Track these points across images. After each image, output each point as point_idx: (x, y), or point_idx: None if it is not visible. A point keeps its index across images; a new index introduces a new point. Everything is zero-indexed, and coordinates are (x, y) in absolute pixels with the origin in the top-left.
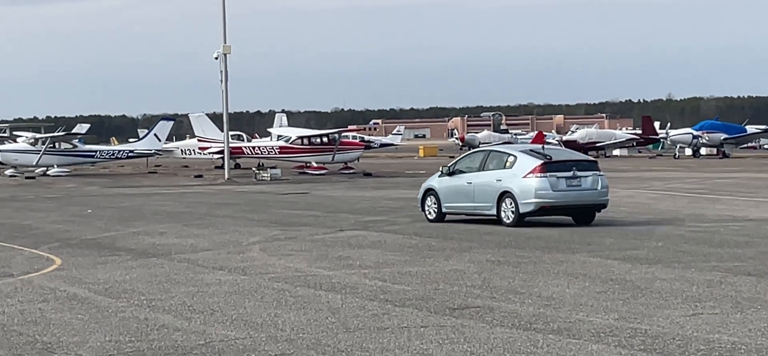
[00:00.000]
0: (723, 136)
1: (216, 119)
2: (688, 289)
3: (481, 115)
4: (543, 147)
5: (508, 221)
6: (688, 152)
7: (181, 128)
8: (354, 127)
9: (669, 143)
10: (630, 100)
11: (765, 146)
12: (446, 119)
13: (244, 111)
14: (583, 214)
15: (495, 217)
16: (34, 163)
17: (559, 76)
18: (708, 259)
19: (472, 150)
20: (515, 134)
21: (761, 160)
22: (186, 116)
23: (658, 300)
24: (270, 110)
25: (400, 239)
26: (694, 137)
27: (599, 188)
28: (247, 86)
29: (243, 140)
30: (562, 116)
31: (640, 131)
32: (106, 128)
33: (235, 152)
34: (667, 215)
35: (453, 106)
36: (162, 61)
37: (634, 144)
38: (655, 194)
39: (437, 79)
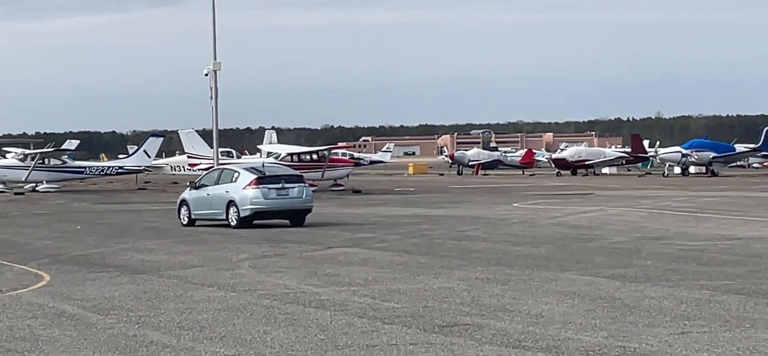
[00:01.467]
0: (712, 154)
1: (206, 135)
2: (676, 308)
3: (471, 132)
4: (263, 165)
5: (233, 224)
6: (677, 170)
7: (171, 144)
8: (344, 144)
9: (658, 161)
10: (619, 118)
11: (754, 165)
12: (436, 136)
13: (234, 128)
14: (295, 217)
15: (226, 221)
16: (24, 179)
17: (549, 94)
18: (697, 277)
19: (210, 169)
20: (505, 152)
21: (750, 178)
22: (176, 132)
23: (647, 319)
24: (260, 127)
25: (389, 257)
26: (683, 155)
27: (304, 196)
28: (237, 103)
29: (232, 157)
30: (552, 133)
31: (629, 149)
32: (95, 144)
33: None
34: (655, 233)
35: (443, 123)
36: (152, 77)
37: (624, 162)
38: (644, 212)
39: (427, 97)
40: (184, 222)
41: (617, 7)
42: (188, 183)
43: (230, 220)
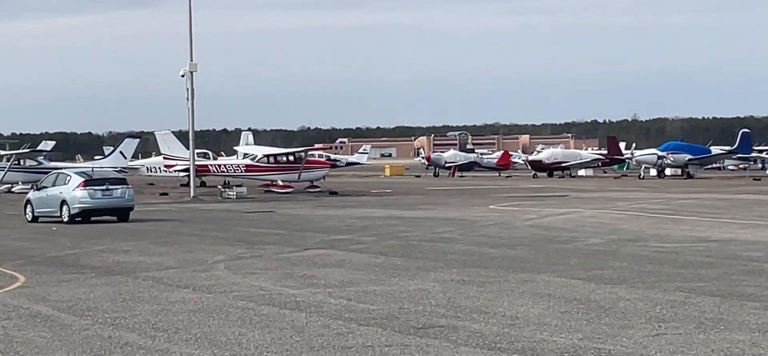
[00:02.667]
0: (687, 157)
1: (182, 136)
2: (651, 309)
3: (448, 134)
4: (92, 170)
5: (65, 220)
6: (653, 172)
7: (147, 145)
8: (320, 145)
9: (634, 163)
10: (596, 120)
11: (729, 167)
12: (412, 138)
13: (211, 129)
14: (120, 214)
15: (60, 217)
16: None
17: (526, 96)
18: (672, 279)
19: (49, 173)
20: (481, 154)
21: (725, 181)
22: (152, 133)
23: (622, 320)
24: (236, 128)
25: (365, 259)
26: (659, 157)
27: (126, 197)
28: (214, 104)
29: (209, 158)
30: (528, 135)
31: (605, 152)
32: (71, 145)
33: (201, 170)
34: (631, 235)
35: (419, 125)
36: (128, 78)
37: (600, 164)
38: (620, 214)
39: (404, 99)
40: (29, 219)
41: (593, 10)
42: (31, 185)
43: (63, 217)
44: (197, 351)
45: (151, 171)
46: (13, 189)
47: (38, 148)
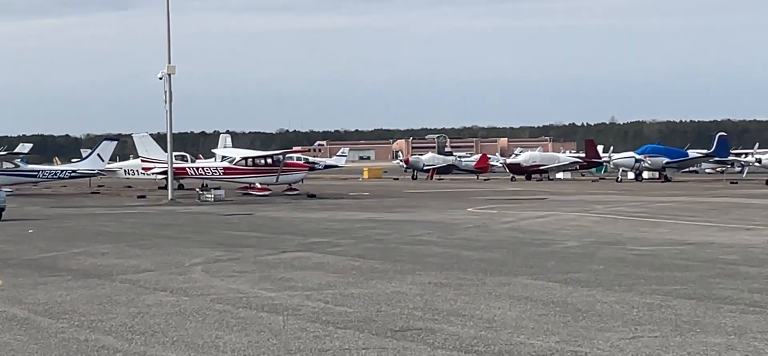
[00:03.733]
0: (665, 160)
1: (160, 139)
2: (628, 312)
3: (426, 137)
4: None
5: None
6: (631, 175)
7: (125, 148)
8: (298, 148)
9: (612, 166)
10: (574, 123)
11: (706, 170)
12: (391, 140)
13: (189, 131)
14: None
15: None
16: None
17: (504, 99)
18: (649, 282)
19: None
20: (460, 157)
21: (702, 184)
22: (129, 136)
23: (599, 323)
24: (214, 131)
25: (343, 261)
26: (637, 160)
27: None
28: (192, 107)
29: (187, 161)
30: (507, 138)
31: (583, 155)
32: (49, 147)
33: (179, 173)
34: (608, 238)
35: (398, 128)
36: (106, 80)
37: (578, 167)
38: (598, 217)
39: (382, 101)
40: None
41: (571, 13)
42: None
43: None
44: (174, 353)
45: (128, 174)
46: None
47: (15, 151)
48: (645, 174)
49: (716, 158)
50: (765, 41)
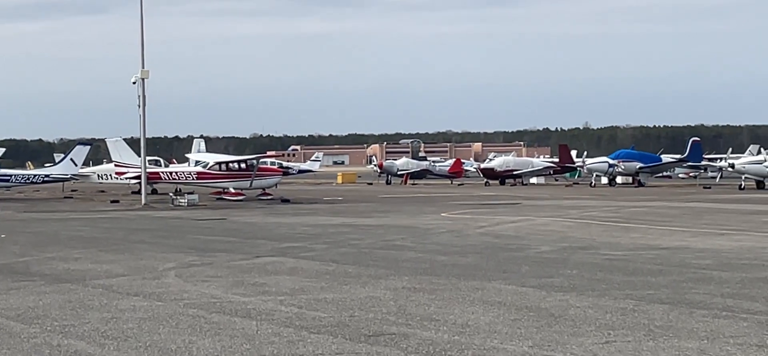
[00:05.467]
0: (638, 165)
1: (133, 143)
2: (601, 317)
3: (400, 142)
4: None
5: None
6: (604, 180)
7: (98, 152)
8: (272, 153)
9: (585, 171)
10: (548, 128)
11: (680, 175)
12: (365, 145)
13: (163, 136)
14: None
15: None
16: None
17: (478, 105)
18: (622, 287)
19: None
20: (433, 162)
21: (676, 189)
22: (103, 140)
23: (572, 328)
24: (189, 135)
25: (316, 266)
26: (610, 165)
27: None
28: (166, 112)
29: (160, 166)
30: (480, 143)
31: (557, 160)
32: (22, 151)
33: (153, 178)
34: (582, 243)
35: (372, 133)
36: (79, 85)
37: (551, 172)
38: (571, 222)
39: (356, 106)
40: None
41: (546, 19)
42: None
43: None
44: None
45: (102, 178)
46: None
47: None
48: (618, 179)
49: (689, 163)
50: (738, 48)
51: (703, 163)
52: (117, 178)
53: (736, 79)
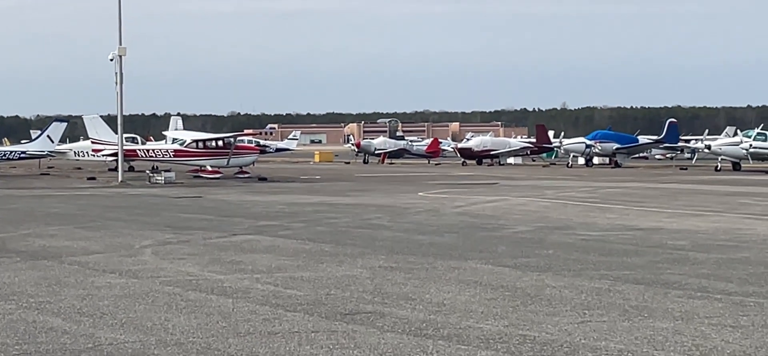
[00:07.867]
0: (615, 146)
1: (110, 121)
2: (577, 297)
3: (378, 121)
4: None
5: None
6: (581, 161)
7: (75, 129)
8: (250, 131)
9: (562, 152)
10: (525, 108)
11: (656, 157)
12: (343, 124)
13: (140, 114)
14: None
15: None
16: None
17: (456, 84)
18: (597, 267)
19: None
20: (411, 141)
21: (652, 170)
22: (80, 117)
23: (548, 308)
24: (166, 113)
25: (293, 245)
26: (587, 146)
27: None
28: (143, 89)
29: (137, 143)
30: (458, 123)
31: (534, 140)
32: None
33: (129, 155)
34: (558, 223)
35: (349, 112)
36: (56, 62)
37: (529, 153)
38: (548, 202)
39: (334, 85)
40: None
41: (523, 0)
42: None
43: None
44: (123, 335)
45: (78, 155)
46: None
47: None
48: (595, 160)
49: (666, 145)
50: (715, 29)
51: (680, 144)
52: (94, 155)
53: (713, 61)
